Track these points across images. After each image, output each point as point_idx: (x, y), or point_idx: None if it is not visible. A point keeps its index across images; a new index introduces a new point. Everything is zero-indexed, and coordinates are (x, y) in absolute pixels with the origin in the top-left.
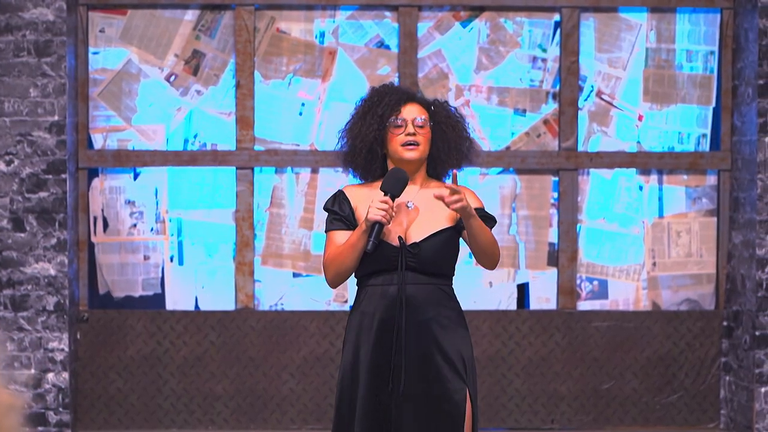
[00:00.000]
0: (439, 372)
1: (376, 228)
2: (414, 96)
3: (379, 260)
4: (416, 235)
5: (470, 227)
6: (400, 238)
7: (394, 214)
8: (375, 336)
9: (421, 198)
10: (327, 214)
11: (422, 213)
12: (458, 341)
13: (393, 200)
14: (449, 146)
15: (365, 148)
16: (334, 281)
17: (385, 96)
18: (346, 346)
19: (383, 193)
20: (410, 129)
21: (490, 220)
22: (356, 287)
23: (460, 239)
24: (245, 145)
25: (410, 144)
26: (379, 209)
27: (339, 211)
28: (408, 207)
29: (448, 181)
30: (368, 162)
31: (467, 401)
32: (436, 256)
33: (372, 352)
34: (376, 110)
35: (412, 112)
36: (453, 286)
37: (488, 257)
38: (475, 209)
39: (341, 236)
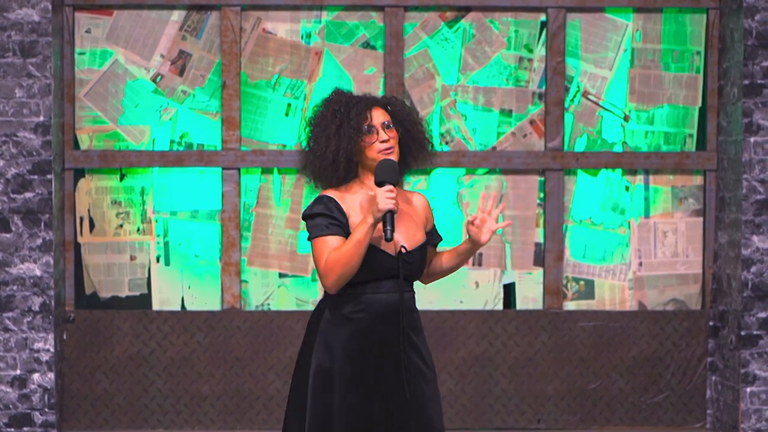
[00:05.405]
0: (423, 377)
1: (388, 217)
2: (376, 100)
3: (373, 268)
4: (405, 243)
5: (468, 253)
6: (403, 246)
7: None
8: (377, 345)
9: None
10: (314, 218)
11: (402, 220)
12: (427, 347)
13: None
14: (412, 144)
15: (345, 160)
16: (338, 284)
17: (351, 106)
18: (324, 352)
19: (379, 187)
20: (383, 135)
21: (439, 238)
22: (333, 294)
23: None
24: (231, 145)
25: (387, 149)
26: (388, 198)
27: (337, 216)
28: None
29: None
30: (347, 172)
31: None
32: (422, 264)
33: (374, 361)
34: (349, 123)
35: (378, 117)
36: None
37: (442, 276)
38: (432, 228)
39: (337, 241)
